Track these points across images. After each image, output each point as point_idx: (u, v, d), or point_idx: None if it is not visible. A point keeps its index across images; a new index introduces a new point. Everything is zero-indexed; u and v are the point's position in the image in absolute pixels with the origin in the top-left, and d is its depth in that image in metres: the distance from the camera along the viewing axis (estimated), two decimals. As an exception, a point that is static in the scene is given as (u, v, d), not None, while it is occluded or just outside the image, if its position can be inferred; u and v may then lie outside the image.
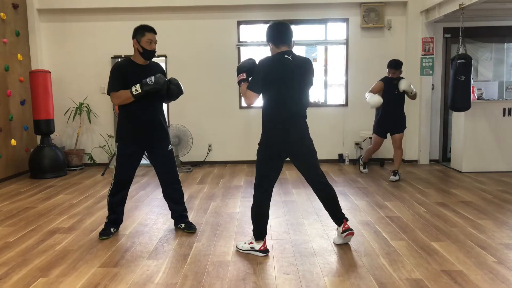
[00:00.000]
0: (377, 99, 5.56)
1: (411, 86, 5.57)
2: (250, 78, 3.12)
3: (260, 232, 3.17)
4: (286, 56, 3.05)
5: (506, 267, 2.87)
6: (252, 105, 3.23)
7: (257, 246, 3.15)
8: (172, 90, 3.47)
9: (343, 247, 3.27)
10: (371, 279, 2.71)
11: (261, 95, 3.11)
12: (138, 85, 3.31)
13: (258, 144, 3.16)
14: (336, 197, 3.29)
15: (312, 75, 3.21)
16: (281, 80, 3.03)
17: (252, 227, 3.23)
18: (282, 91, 3.04)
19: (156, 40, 3.48)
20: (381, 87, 5.77)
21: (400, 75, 5.69)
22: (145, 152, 3.66)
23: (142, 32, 3.41)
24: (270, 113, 3.09)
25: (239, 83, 3.18)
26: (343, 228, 3.25)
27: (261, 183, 3.14)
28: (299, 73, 3.09)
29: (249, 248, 3.18)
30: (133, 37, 3.43)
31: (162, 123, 3.60)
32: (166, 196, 3.75)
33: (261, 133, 3.15)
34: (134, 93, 3.31)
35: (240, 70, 3.18)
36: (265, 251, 3.15)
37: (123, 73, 3.40)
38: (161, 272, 2.87)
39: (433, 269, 2.84)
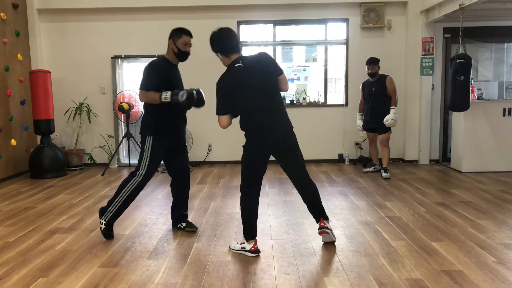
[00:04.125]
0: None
1: (393, 119, 5.88)
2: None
3: (250, 232, 3.17)
4: (236, 65, 3.06)
5: (506, 267, 2.87)
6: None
7: (248, 246, 3.15)
8: (199, 95, 3.54)
9: (343, 247, 3.28)
10: (371, 279, 2.71)
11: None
12: (169, 93, 3.34)
13: (243, 146, 3.19)
14: (319, 194, 3.32)
15: (272, 64, 3.15)
16: (243, 91, 3.04)
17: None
18: (249, 99, 3.05)
19: (191, 44, 3.56)
20: (361, 93, 6.27)
21: (379, 71, 6.05)
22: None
23: (179, 34, 3.50)
24: (246, 121, 3.11)
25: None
26: (320, 225, 3.25)
27: (248, 184, 3.16)
28: (256, 73, 3.06)
29: (240, 249, 3.19)
30: (170, 37, 3.53)
31: (185, 118, 3.70)
32: (178, 194, 3.72)
33: (246, 138, 3.16)
34: (163, 100, 3.34)
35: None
36: (256, 251, 3.14)
37: (160, 71, 3.46)
38: (161, 272, 2.87)
39: (433, 269, 2.84)
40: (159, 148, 3.50)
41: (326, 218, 3.30)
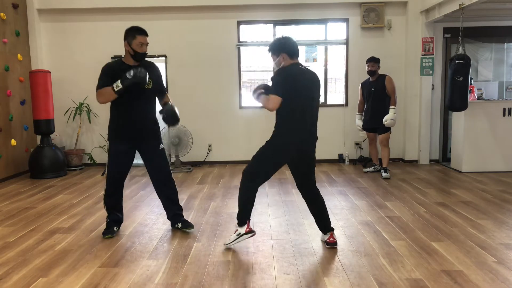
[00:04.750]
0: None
1: (392, 119, 5.89)
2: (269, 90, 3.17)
3: (243, 217, 3.25)
4: (300, 66, 3.20)
5: (506, 267, 2.87)
6: (251, 105, 3.26)
7: (242, 230, 3.23)
8: (167, 120, 3.56)
9: (343, 247, 3.28)
10: (371, 279, 2.71)
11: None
12: (119, 80, 3.27)
13: (268, 142, 3.19)
14: (325, 206, 3.35)
15: (320, 86, 3.37)
16: (303, 89, 3.14)
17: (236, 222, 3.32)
18: (303, 100, 3.15)
19: (148, 43, 3.45)
20: (361, 92, 6.27)
21: (379, 71, 6.07)
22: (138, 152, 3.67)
23: (133, 34, 3.38)
24: (290, 120, 3.13)
25: (258, 97, 3.22)
26: (328, 240, 3.29)
27: (258, 178, 3.22)
28: (314, 84, 3.25)
29: (235, 237, 3.24)
30: (124, 39, 3.41)
31: (153, 123, 3.62)
32: (161, 195, 3.74)
33: (275, 135, 3.18)
34: (116, 89, 3.28)
35: (257, 89, 3.26)
36: (250, 231, 3.24)
37: (113, 73, 3.37)
38: (161, 272, 2.87)
39: (433, 269, 2.84)
40: (113, 151, 3.52)
41: (332, 229, 3.35)
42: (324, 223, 3.33)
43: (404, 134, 7.07)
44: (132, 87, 3.32)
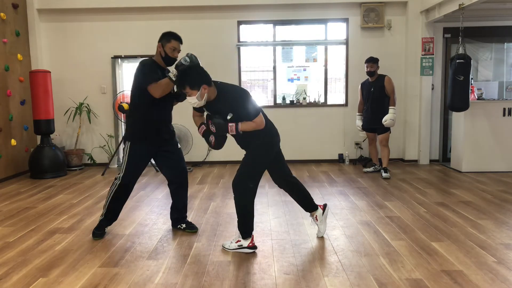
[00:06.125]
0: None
1: (391, 119, 5.90)
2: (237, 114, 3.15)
3: (247, 230, 3.21)
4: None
5: (506, 267, 2.87)
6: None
7: (245, 243, 3.18)
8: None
9: (343, 247, 3.28)
10: (371, 279, 2.71)
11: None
12: (173, 69, 3.27)
13: (256, 148, 3.22)
14: (305, 188, 3.52)
15: None
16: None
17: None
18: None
19: (180, 50, 3.52)
20: (360, 93, 6.27)
21: (378, 71, 6.06)
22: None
23: (168, 38, 3.47)
24: (266, 121, 3.23)
25: (237, 130, 3.14)
26: (322, 208, 3.49)
27: (255, 182, 3.22)
28: None
29: (237, 247, 3.21)
30: (159, 40, 3.49)
31: (171, 124, 3.67)
32: (176, 197, 3.72)
33: (260, 138, 3.20)
34: (173, 78, 3.24)
35: (222, 127, 3.17)
36: (253, 247, 3.18)
37: (155, 67, 3.41)
38: (161, 272, 2.87)
39: (433, 269, 2.84)
40: (135, 153, 3.49)
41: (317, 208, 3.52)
42: (311, 202, 3.48)
43: (404, 134, 7.07)
44: None
